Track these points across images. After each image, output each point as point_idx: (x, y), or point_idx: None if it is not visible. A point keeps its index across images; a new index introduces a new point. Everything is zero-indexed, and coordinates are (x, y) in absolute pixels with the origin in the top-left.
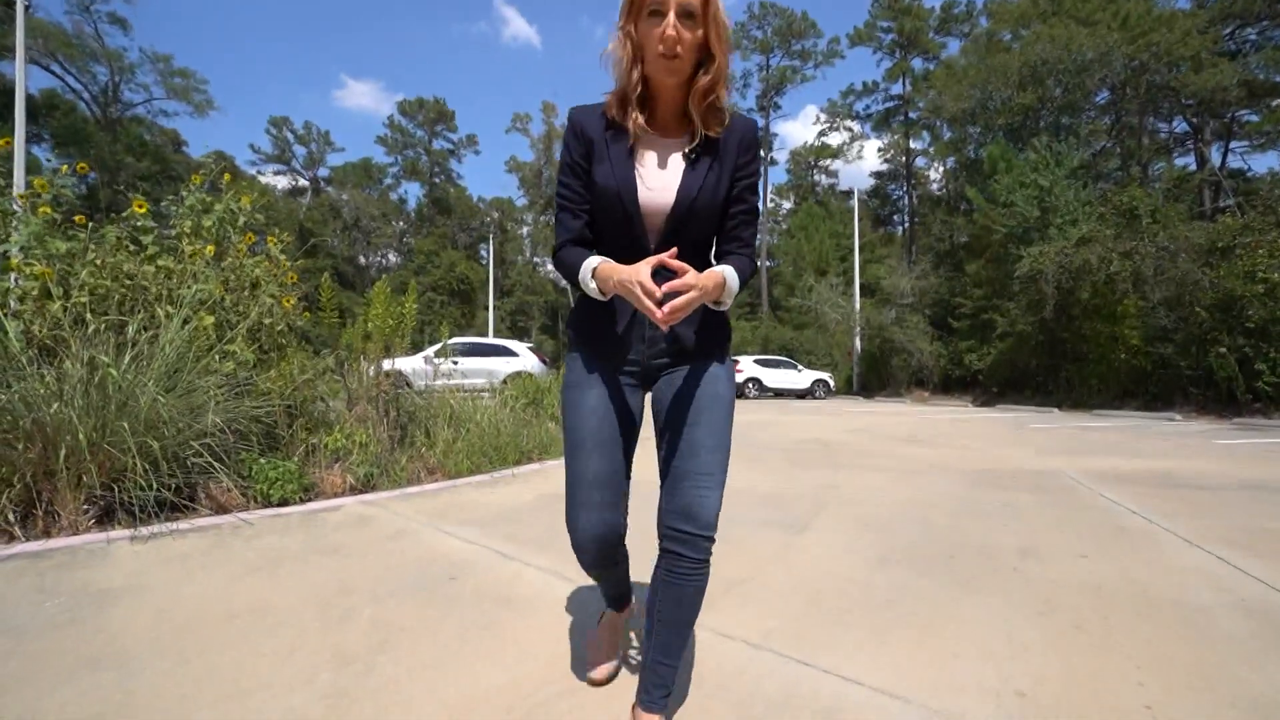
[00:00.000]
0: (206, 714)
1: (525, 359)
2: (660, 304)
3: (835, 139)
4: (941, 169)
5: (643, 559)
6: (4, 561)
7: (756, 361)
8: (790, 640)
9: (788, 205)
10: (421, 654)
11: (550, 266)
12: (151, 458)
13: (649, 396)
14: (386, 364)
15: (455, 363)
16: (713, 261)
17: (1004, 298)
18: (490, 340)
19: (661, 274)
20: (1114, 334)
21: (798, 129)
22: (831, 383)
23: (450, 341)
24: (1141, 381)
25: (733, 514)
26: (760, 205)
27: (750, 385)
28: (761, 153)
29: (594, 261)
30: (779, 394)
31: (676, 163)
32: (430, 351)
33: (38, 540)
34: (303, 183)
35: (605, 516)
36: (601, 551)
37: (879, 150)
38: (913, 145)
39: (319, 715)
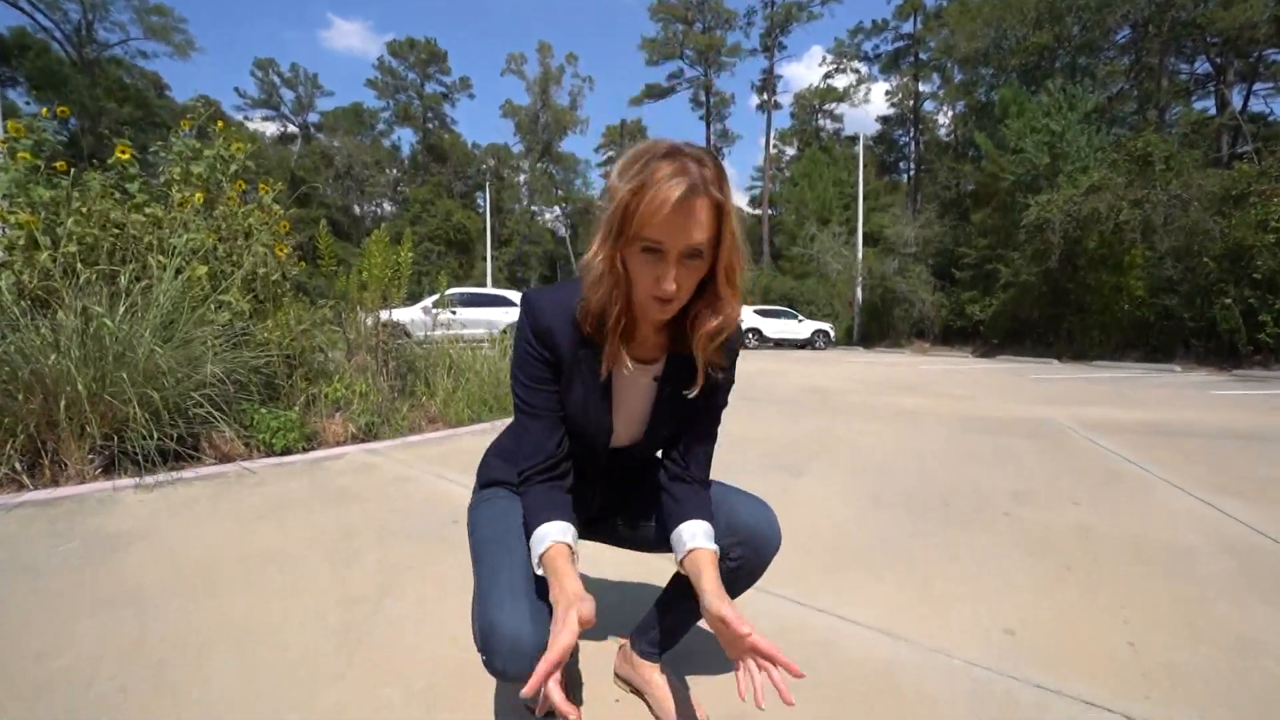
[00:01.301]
0: (220, 650)
1: None
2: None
3: (841, 81)
4: (950, 113)
5: None
6: (15, 509)
7: (756, 312)
8: (786, 581)
9: (790, 151)
10: (427, 594)
11: (549, 215)
12: (152, 408)
13: None
14: (385, 314)
15: (454, 313)
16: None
17: (1009, 248)
18: (489, 290)
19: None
20: (1118, 285)
21: (802, 71)
22: (832, 333)
23: (448, 292)
24: (1143, 333)
25: (731, 460)
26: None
27: (750, 335)
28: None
29: (545, 543)
30: (779, 344)
31: (648, 390)
32: (428, 302)
33: (46, 489)
34: (292, 129)
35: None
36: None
37: (886, 94)
38: (921, 88)
39: (330, 651)
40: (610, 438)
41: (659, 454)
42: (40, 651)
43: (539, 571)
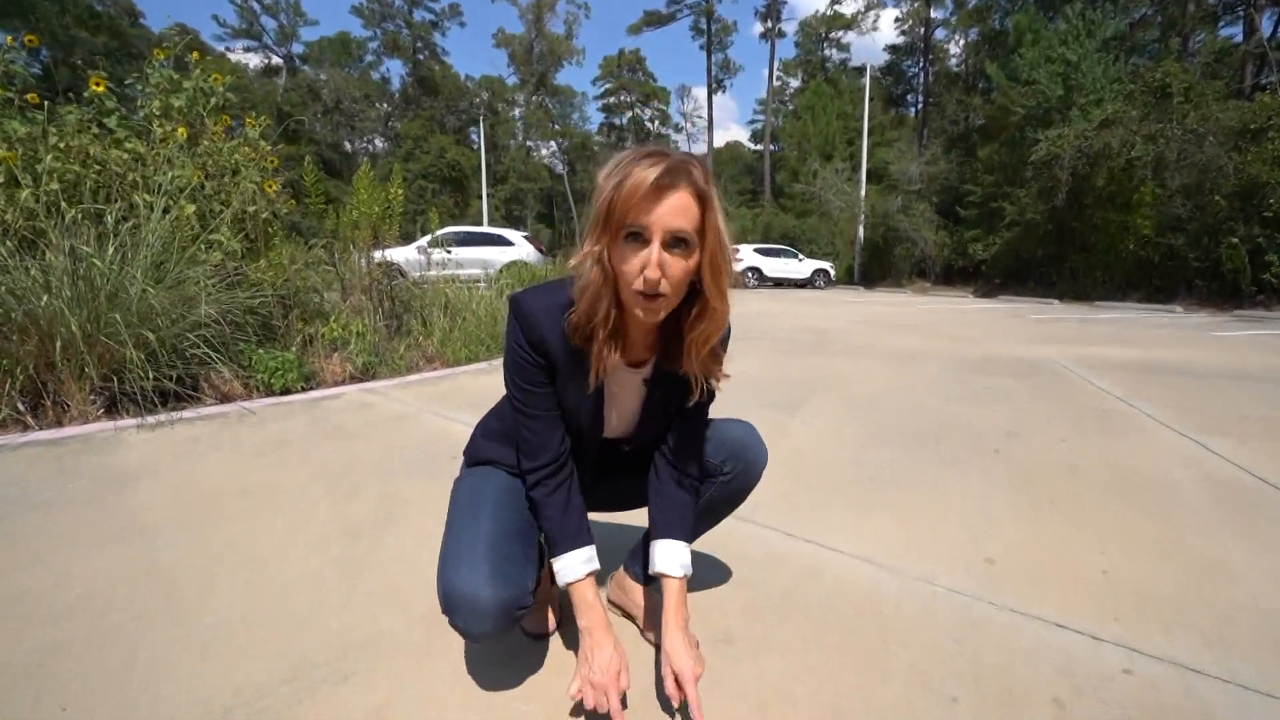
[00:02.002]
0: (228, 578)
1: (521, 248)
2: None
3: (849, 7)
4: (962, 42)
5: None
6: (21, 448)
7: (756, 250)
8: (777, 514)
9: (795, 83)
10: (427, 527)
11: (545, 151)
12: (149, 349)
13: None
14: (379, 254)
15: (449, 252)
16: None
17: (1015, 185)
18: (485, 229)
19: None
20: (1125, 223)
21: None
22: (832, 272)
23: (443, 231)
24: (1146, 274)
25: (727, 398)
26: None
27: (750, 275)
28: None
29: (577, 571)
30: (779, 284)
31: (638, 390)
32: (423, 241)
33: (50, 429)
34: (276, 61)
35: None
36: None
37: (896, 20)
38: (933, 15)
39: (333, 580)
40: (602, 434)
41: (655, 445)
42: (56, 582)
43: (561, 582)
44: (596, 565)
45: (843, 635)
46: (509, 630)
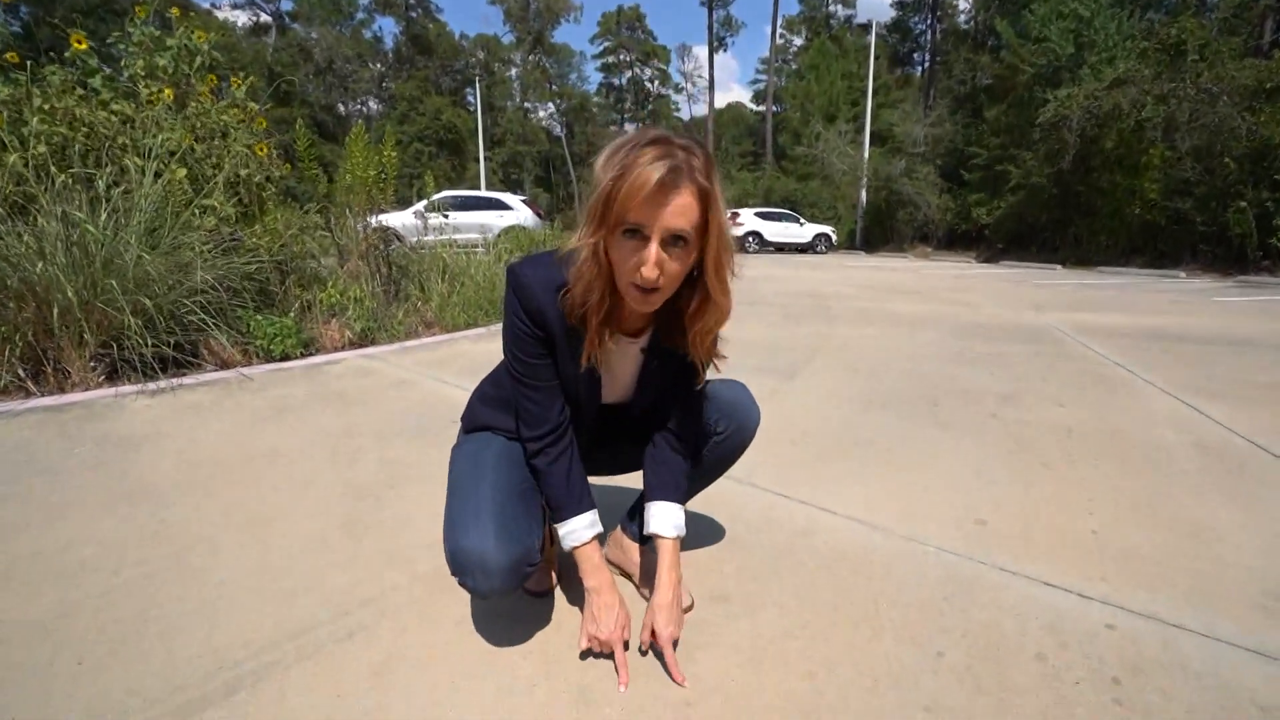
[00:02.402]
0: (233, 538)
1: (519, 212)
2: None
3: None
4: None
5: None
6: (25, 414)
7: (757, 214)
8: (773, 476)
9: (798, 41)
10: (428, 489)
11: (543, 113)
12: (146, 316)
13: None
14: (375, 219)
15: (446, 217)
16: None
17: (1021, 147)
18: (482, 193)
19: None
20: (1132, 187)
21: None
22: (834, 237)
23: (440, 195)
24: (1151, 238)
25: (725, 365)
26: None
27: (750, 239)
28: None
29: (582, 535)
30: (780, 249)
31: (635, 359)
32: (420, 206)
33: (52, 395)
34: (265, 18)
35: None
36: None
37: None
38: None
39: (337, 540)
40: (599, 403)
41: (652, 409)
42: (68, 542)
43: (564, 545)
44: (600, 529)
45: (835, 593)
46: (517, 587)
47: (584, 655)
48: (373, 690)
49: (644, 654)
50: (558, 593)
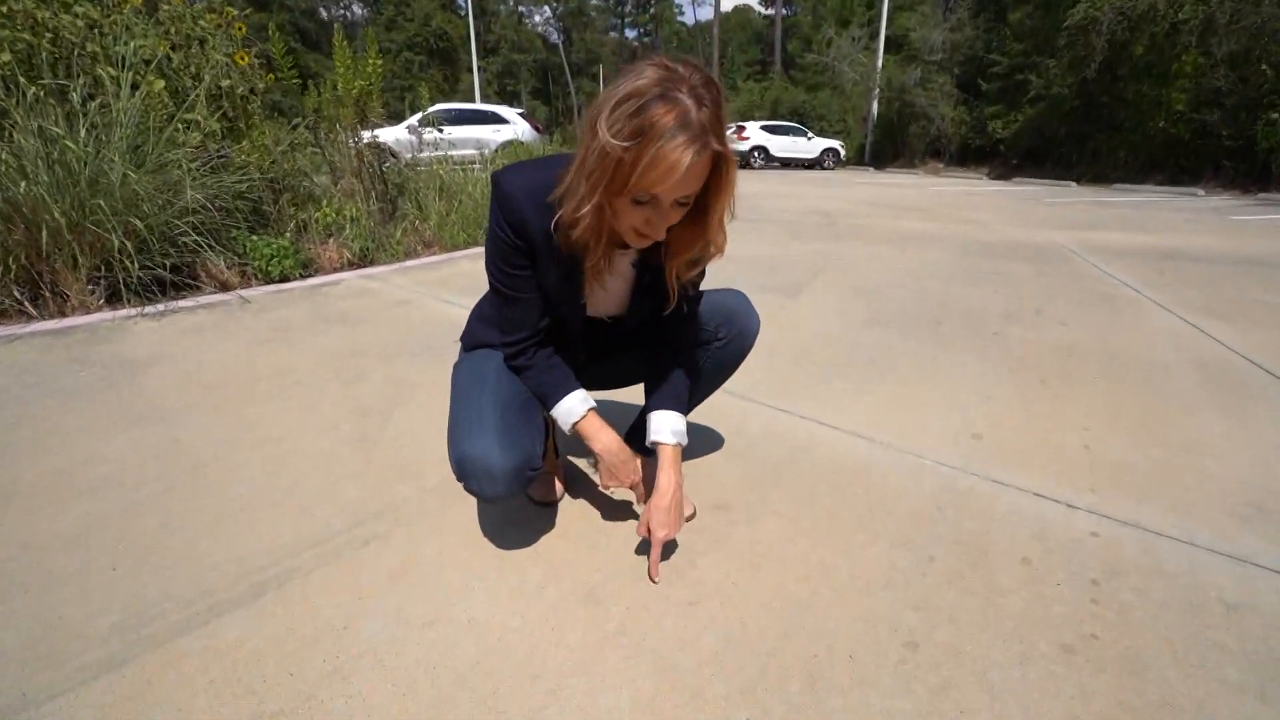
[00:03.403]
0: (246, 454)
1: (516, 125)
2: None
3: None
4: None
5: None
6: (28, 337)
7: (763, 128)
8: (775, 392)
9: None
10: (433, 407)
11: (539, 18)
12: (139, 238)
13: None
14: (367, 134)
15: (441, 131)
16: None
17: (1045, 54)
18: (478, 106)
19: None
20: (1159, 98)
21: None
22: (842, 152)
23: (434, 109)
24: (1173, 153)
25: (729, 280)
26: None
27: (756, 154)
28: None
29: (578, 409)
30: (786, 164)
31: (627, 272)
32: (414, 120)
33: (53, 319)
34: None
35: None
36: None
37: None
38: None
39: (347, 455)
40: (583, 314)
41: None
42: (86, 460)
43: (564, 428)
44: (593, 403)
45: (833, 502)
46: (520, 491)
47: (580, 569)
48: (392, 592)
49: (638, 554)
50: (565, 501)
